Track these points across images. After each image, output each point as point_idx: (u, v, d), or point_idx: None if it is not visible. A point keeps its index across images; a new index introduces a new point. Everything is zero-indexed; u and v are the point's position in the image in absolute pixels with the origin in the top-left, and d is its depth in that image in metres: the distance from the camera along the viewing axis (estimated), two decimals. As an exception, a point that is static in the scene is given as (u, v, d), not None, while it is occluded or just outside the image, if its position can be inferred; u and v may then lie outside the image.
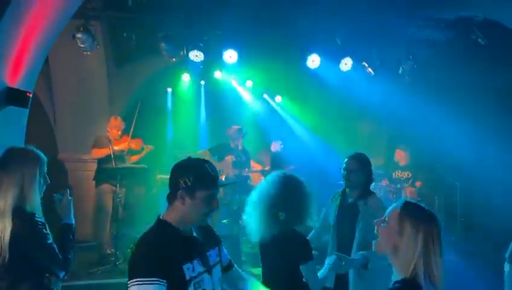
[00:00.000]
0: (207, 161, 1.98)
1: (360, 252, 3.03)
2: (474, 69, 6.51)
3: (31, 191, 2.35)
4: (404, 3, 5.22)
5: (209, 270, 1.95)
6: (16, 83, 2.93)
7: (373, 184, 6.92)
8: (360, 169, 3.22)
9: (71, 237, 2.51)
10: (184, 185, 1.86)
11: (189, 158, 2.00)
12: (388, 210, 1.87)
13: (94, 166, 6.17)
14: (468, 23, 5.64)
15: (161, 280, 1.72)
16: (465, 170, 6.90)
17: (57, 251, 2.33)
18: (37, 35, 2.98)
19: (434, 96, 7.45)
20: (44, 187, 2.49)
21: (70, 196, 2.57)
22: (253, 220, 2.63)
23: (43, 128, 6.59)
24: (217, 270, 2.03)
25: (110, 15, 5.18)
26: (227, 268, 2.21)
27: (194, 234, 1.99)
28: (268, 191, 2.62)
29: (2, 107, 2.77)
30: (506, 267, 3.83)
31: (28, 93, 3.04)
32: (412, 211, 1.81)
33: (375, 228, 1.86)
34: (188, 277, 1.82)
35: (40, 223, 2.31)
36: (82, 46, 5.01)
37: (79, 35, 4.96)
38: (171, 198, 1.92)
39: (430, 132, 7.64)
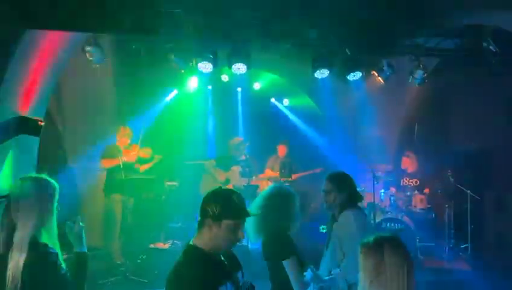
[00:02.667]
0: (234, 192, 2.09)
1: (335, 271, 3.03)
2: (484, 77, 6.44)
3: (50, 222, 2.37)
4: (413, 13, 5.16)
5: None
6: (27, 112, 2.94)
7: (382, 191, 7.04)
8: (334, 189, 3.16)
9: (85, 266, 2.51)
10: (211, 213, 1.98)
11: (220, 188, 2.12)
12: None
13: (103, 175, 6.22)
14: (479, 31, 5.55)
15: None
16: (475, 177, 6.85)
17: (70, 280, 2.34)
18: (48, 64, 2.99)
19: (444, 103, 7.40)
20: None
21: (81, 222, 2.57)
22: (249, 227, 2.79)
23: (52, 137, 6.61)
24: None
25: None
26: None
27: (222, 258, 2.11)
28: (261, 201, 2.87)
29: (14, 136, 2.78)
30: None
31: (39, 122, 3.05)
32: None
33: None
34: None
35: (53, 254, 2.31)
36: (91, 59, 4.99)
37: (88, 48, 4.93)
38: (200, 224, 2.04)
39: (439, 139, 7.59)
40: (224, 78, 7.84)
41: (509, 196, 6.71)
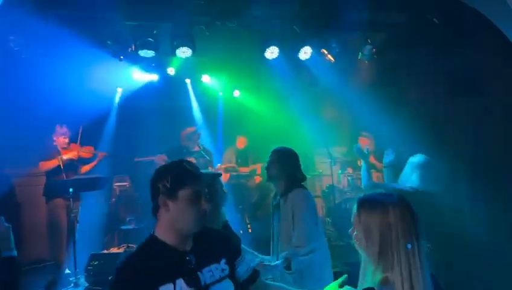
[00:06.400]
0: (184, 159, 1.87)
1: (282, 254, 2.95)
2: (429, 51, 6.50)
3: None
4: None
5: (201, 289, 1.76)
6: None
7: (339, 172, 6.99)
8: (277, 162, 3.11)
9: (15, 271, 2.14)
10: (163, 189, 1.73)
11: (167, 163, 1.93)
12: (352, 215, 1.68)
13: (44, 180, 5.71)
14: (424, 1, 5.57)
15: None
16: (427, 150, 6.92)
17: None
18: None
19: (392, 80, 7.44)
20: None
21: (6, 222, 2.19)
22: None
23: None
24: (221, 288, 1.82)
25: (48, 13, 4.67)
26: (248, 282, 2.01)
27: (190, 247, 1.80)
28: None
29: None
30: None
31: None
32: (366, 207, 1.61)
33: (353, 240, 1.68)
34: None
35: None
36: (16, 49, 4.54)
37: (12, 37, 4.49)
38: (154, 210, 1.79)
39: (389, 115, 7.63)
40: (171, 71, 7.50)
41: (461, 165, 6.84)
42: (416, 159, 3.75)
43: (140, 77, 7.29)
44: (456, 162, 6.78)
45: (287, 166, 3.09)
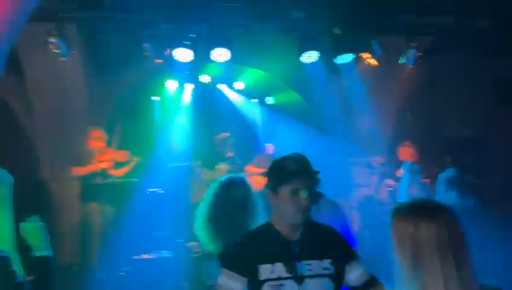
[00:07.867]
0: (289, 156, 1.93)
1: None
2: (477, 57, 6.18)
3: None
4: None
5: (297, 278, 1.84)
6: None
7: (379, 183, 6.67)
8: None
9: (49, 271, 2.05)
10: (269, 185, 1.91)
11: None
12: None
13: (77, 183, 5.70)
14: (470, 4, 5.27)
15: (239, 275, 1.84)
16: (475, 162, 6.54)
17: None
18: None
19: (435, 88, 7.11)
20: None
21: (41, 221, 2.10)
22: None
23: (21, 146, 6.09)
24: (318, 284, 1.86)
25: (86, 16, 4.70)
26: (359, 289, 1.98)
27: (297, 238, 1.91)
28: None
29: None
30: None
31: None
32: (398, 218, 1.41)
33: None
34: (262, 277, 1.83)
35: (2, 258, 1.83)
36: (57, 51, 4.58)
37: (52, 39, 4.54)
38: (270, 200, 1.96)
39: (432, 125, 7.30)
40: (205, 78, 7.48)
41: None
42: (448, 174, 3.44)
43: (175, 84, 7.31)
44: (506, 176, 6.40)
45: None
